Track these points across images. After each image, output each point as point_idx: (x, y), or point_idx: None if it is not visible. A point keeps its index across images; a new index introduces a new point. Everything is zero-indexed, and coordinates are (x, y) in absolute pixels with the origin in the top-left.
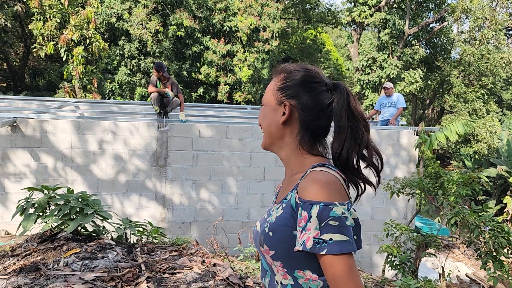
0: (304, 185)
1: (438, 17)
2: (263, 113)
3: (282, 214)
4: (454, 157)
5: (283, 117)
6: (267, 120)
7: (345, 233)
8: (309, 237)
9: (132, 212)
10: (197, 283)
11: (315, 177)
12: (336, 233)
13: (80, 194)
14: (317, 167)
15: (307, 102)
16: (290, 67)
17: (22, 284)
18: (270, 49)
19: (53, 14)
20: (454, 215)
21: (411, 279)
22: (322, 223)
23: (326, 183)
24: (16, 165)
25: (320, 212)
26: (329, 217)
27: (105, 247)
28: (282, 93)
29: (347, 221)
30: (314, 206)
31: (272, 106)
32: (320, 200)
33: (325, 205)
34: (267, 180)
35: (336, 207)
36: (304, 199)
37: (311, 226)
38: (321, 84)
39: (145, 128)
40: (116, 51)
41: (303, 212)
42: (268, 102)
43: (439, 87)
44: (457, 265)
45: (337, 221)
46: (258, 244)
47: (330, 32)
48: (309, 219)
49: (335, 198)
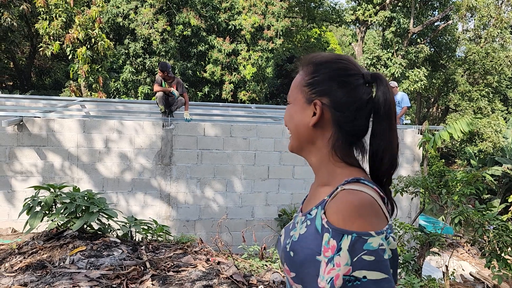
0: (333, 207)
1: (443, 15)
2: (289, 112)
3: (306, 234)
4: (459, 156)
5: (313, 118)
6: (295, 121)
7: (382, 270)
8: (338, 274)
9: (137, 210)
10: (202, 281)
11: (347, 199)
12: (372, 270)
13: (86, 192)
14: (350, 184)
15: (342, 100)
16: (319, 58)
17: (29, 281)
18: (274, 47)
19: (58, 13)
20: (458, 214)
21: (415, 277)
22: (355, 258)
23: (360, 207)
24: (22, 164)
25: (352, 245)
26: (363, 250)
27: (111, 245)
28: (311, 90)
29: (384, 254)
30: (346, 236)
31: (300, 105)
32: (352, 229)
33: (358, 236)
34: (271, 178)
35: (372, 237)
36: (333, 225)
37: (341, 262)
38: (357, 77)
39: (150, 127)
40: (121, 50)
41: (332, 241)
42: (294, 99)
43: (444, 85)
44: (462, 264)
45: (373, 256)
46: (281, 259)
47: (335, 30)
48: (338, 251)
49: (371, 226)
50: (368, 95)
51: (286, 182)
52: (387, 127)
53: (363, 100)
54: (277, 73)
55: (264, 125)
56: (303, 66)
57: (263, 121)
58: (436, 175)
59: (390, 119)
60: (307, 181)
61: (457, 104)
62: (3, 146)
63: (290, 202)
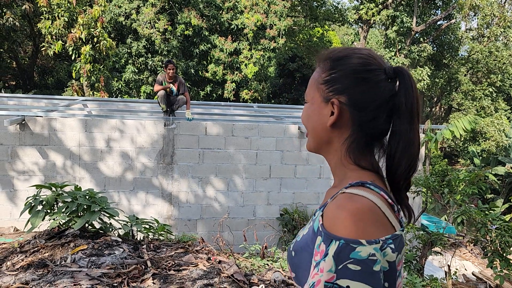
0: (329, 210)
1: (446, 14)
2: (306, 112)
3: (307, 235)
4: (462, 155)
5: (331, 118)
6: (312, 121)
7: (369, 282)
8: (319, 280)
9: (139, 209)
10: (202, 280)
11: (342, 203)
12: (356, 280)
13: (87, 191)
14: (353, 187)
15: (361, 98)
16: (337, 53)
17: (30, 280)
18: (277, 47)
19: (61, 13)
20: (461, 213)
21: (417, 277)
22: (340, 265)
23: (355, 213)
24: (24, 163)
25: (339, 251)
26: (350, 258)
27: (112, 244)
28: (328, 88)
29: (375, 265)
30: (334, 242)
31: (317, 104)
32: (341, 235)
33: (346, 243)
34: (272, 178)
35: (362, 246)
36: (325, 229)
37: (325, 267)
38: (378, 72)
39: (152, 126)
40: (124, 49)
41: (322, 245)
42: (312, 98)
43: (447, 84)
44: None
45: (358, 265)
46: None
47: (337, 29)
48: (324, 256)
49: (363, 234)
50: (390, 92)
51: (288, 181)
52: (408, 127)
53: (385, 97)
54: (279, 73)
55: (266, 125)
56: (320, 62)
57: (265, 121)
58: (438, 174)
59: (412, 118)
60: (309, 181)
61: (460, 103)
62: (6, 145)
63: (291, 201)
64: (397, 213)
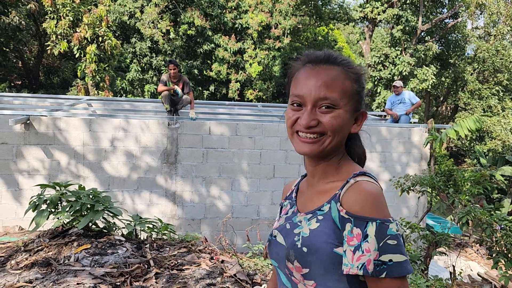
0: (352, 197)
1: (452, 13)
2: (341, 119)
3: (320, 228)
4: (468, 155)
5: (358, 126)
6: (343, 129)
7: (403, 252)
8: (369, 259)
9: (143, 208)
10: (205, 279)
11: (365, 188)
12: (396, 253)
13: (91, 190)
14: (360, 176)
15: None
16: (353, 66)
17: (34, 278)
18: (281, 46)
19: (66, 12)
20: (466, 214)
21: (421, 277)
22: (381, 243)
23: (377, 197)
24: (29, 162)
25: (378, 230)
26: (387, 235)
27: (115, 243)
28: (359, 100)
29: (401, 238)
30: (370, 223)
31: (350, 112)
32: (375, 216)
33: (381, 222)
34: (276, 177)
35: (391, 223)
36: (354, 214)
37: (370, 247)
38: None
39: (156, 125)
40: (128, 49)
41: (355, 229)
42: (345, 105)
43: (453, 84)
44: (470, 264)
45: (395, 240)
46: (285, 260)
47: (342, 28)
48: (364, 238)
49: (387, 213)
50: None
51: None
52: None
53: None
54: (284, 72)
55: (270, 124)
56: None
57: (269, 120)
58: (444, 174)
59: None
60: None
61: (466, 102)
62: (11, 144)
63: None
64: None
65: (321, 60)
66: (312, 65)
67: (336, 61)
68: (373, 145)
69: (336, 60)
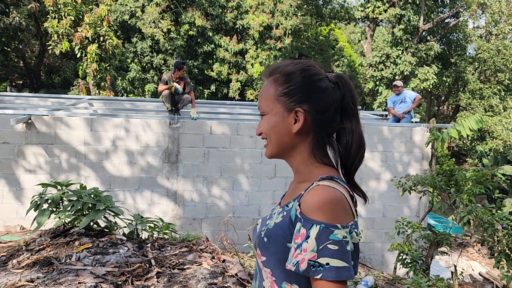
0: (307, 200)
1: (454, 12)
2: (268, 123)
3: (281, 223)
4: (470, 154)
5: (296, 125)
6: (277, 131)
7: (344, 259)
8: (303, 258)
9: (144, 208)
10: (207, 279)
11: (320, 193)
12: (335, 258)
13: (92, 190)
14: (325, 180)
15: (321, 103)
16: (288, 67)
17: (35, 277)
18: (283, 46)
19: (67, 12)
20: (467, 213)
21: (422, 277)
22: (321, 246)
23: (330, 202)
24: (30, 162)
25: (320, 234)
26: (329, 240)
27: (117, 242)
28: (289, 99)
29: (347, 246)
30: (315, 226)
31: (280, 115)
32: (321, 220)
33: (326, 226)
34: (278, 177)
35: (338, 229)
36: (305, 215)
37: (308, 247)
38: (326, 79)
39: (157, 125)
40: (129, 48)
41: (302, 229)
42: (271, 110)
43: (454, 83)
44: (472, 264)
45: (337, 245)
46: (254, 245)
47: (344, 28)
48: (306, 238)
49: (338, 219)
50: (339, 95)
51: None
52: (356, 124)
53: (337, 100)
54: None
55: None
56: (271, 77)
57: None
58: (446, 173)
59: (357, 116)
60: None
61: (468, 102)
62: (12, 144)
63: None
64: (354, 204)
65: (263, 74)
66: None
67: (267, 72)
68: (374, 145)
69: (267, 71)
